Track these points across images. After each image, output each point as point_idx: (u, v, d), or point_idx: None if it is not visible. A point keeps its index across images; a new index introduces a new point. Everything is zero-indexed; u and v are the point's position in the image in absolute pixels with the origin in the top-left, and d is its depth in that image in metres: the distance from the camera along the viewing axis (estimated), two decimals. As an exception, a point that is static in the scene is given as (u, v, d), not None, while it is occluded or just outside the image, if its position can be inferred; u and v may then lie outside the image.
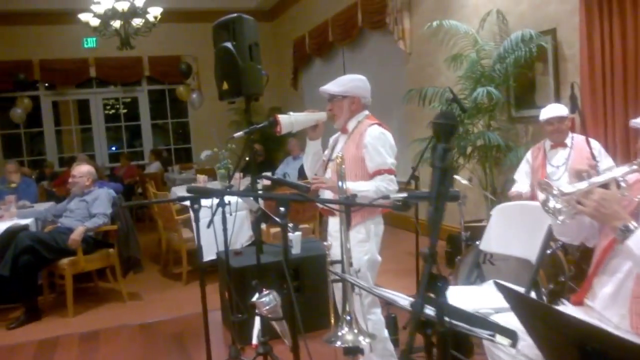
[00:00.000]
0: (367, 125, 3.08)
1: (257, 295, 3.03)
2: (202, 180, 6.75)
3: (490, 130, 5.21)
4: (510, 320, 1.76)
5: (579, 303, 2.13)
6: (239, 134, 3.06)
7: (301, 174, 7.21)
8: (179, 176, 9.59)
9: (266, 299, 2.94)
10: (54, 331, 4.49)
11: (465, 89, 5.43)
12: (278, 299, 2.92)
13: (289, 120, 3.03)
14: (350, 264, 2.58)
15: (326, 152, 3.28)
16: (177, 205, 5.86)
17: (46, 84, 11.24)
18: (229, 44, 4.00)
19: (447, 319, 1.37)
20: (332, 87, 3.15)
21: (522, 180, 4.41)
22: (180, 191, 6.72)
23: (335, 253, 3.10)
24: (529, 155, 4.49)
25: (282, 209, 1.79)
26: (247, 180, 7.28)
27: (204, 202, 3.28)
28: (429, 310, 1.38)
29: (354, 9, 8.17)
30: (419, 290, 1.36)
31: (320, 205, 3.31)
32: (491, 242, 3.33)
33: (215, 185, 6.88)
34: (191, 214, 5.52)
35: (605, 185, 1.94)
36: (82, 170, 5.29)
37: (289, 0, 10.86)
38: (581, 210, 1.88)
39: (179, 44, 11.26)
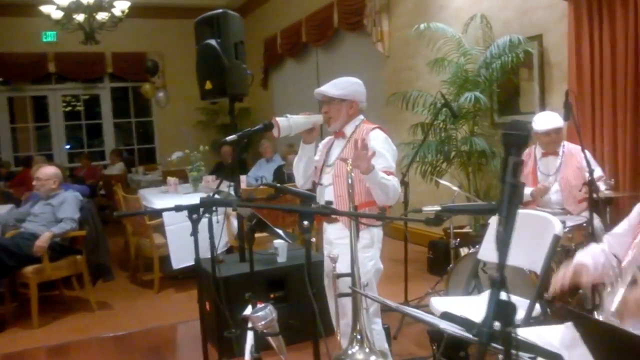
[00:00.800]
0: (367, 129, 2.94)
1: (250, 308, 2.85)
2: (173, 182, 6.47)
3: (474, 136, 5.14)
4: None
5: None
6: (232, 137, 2.86)
7: (277, 176, 7.02)
8: (143, 178, 9.26)
9: (262, 313, 2.74)
10: (18, 344, 4.18)
11: (448, 94, 5.34)
12: (274, 313, 2.73)
13: (287, 123, 2.86)
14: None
15: (317, 156, 3.12)
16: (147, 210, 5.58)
17: (1, 79, 10.69)
18: (213, 42, 3.79)
19: (514, 351, 1.23)
20: (331, 89, 3.00)
21: None
22: (149, 194, 6.44)
23: (337, 265, 2.96)
24: (518, 161, 4.41)
25: (306, 222, 1.62)
26: (223, 185, 7.06)
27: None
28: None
29: (329, 9, 8.02)
30: (485, 317, 1.22)
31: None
32: (490, 251, 3.23)
33: (187, 188, 6.63)
34: (188, 224, 5.35)
35: None
36: (48, 172, 4.97)
37: (258, -1, 10.65)
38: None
39: (144, 40, 10.90)
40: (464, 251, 4.40)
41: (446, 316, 1.61)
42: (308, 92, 3.84)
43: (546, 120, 4.20)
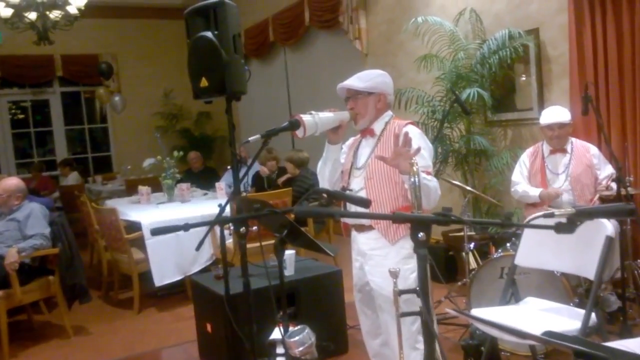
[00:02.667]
0: (399, 125, 2.66)
1: (277, 331, 2.53)
2: (145, 192, 6.01)
3: (472, 134, 4.94)
4: None
5: None
6: (255, 137, 2.50)
7: (255, 183, 6.64)
8: (103, 188, 8.68)
9: (299, 338, 2.42)
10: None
11: (439, 92, 5.15)
12: (313, 337, 2.41)
13: (313, 121, 2.54)
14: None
15: (343, 159, 2.81)
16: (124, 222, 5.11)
17: (-62, 85, 9.86)
18: (209, 34, 3.41)
19: None
20: (356, 82, 2.71)
21: (525, 183, 4.15)
22: (118, 205, 5.94)
23: (372, 278, 2.66)
24: (525, 157, 4.25)
25: (421, 234, 1.32)
26: (199, 193, 6.64)
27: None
28: None
29: (300, 6, 7.71)
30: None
31: (342, 219, 2.82)
32: (527, 256, 3.01)
33: (160, 197, 6.18)
34: (169, 237, 4.89)
35: None
36: (9, 186, 4.45)
37: (218, -2, 10.20)
38: None
39: (96, 42, 10.26)
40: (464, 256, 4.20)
41: (552, 335, 1.34)
42: (276, 93, 3.52)
43: (551, 114, 4.04)
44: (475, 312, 2.85)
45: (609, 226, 2.68)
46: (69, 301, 4.46)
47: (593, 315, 2.60)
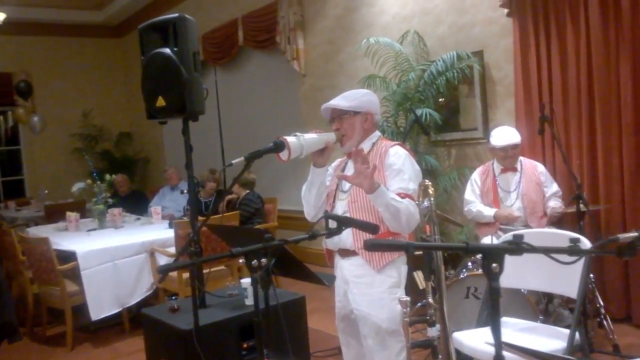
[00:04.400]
0: (386, 146, 2.58)
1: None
2: (74, 218, 5.58)
3: (418, 154, 4.97)
4: None
5: None
6: (239, 160, 2.34)
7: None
8: (18, 214, 8.02)
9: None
10: None
11: (387, 113, 5.15)
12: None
13: (298, 143, 2.40)
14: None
15: (328, 181, 2.70)
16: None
17: None
18: (167, 50, 3.21)
19: None
20: (341, 102, 2.61)
21: (478, 201, 4.20)
22: (44, 233, 5.47)
23: (357, 307, 2.54)
24: (476, 176, 4.31)
25: (494, 265, 1.22)
26: (131, 218, 6.25)
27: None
28: None
29: (233, 26, 7.56)
30: None
31: (325, 245, 2.70)
32: (503, 276, 3.00)
33: (90, 224, 5.77)
34: (106, 267, 4.53)
35: None
36: None
37: (140, 16, 9.83)
38: None
39: (9, 60, 9.58)
40: (418, 275, 4.17)
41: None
42: (205, 114, 3.38)
43: (504, 135, 4.14)
44: (459, 336, 2.79)
45: (587, 243, 2.72)
46: (-3, 342, 4.00)
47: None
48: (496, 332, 1.32)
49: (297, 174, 6.98)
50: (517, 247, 1.24)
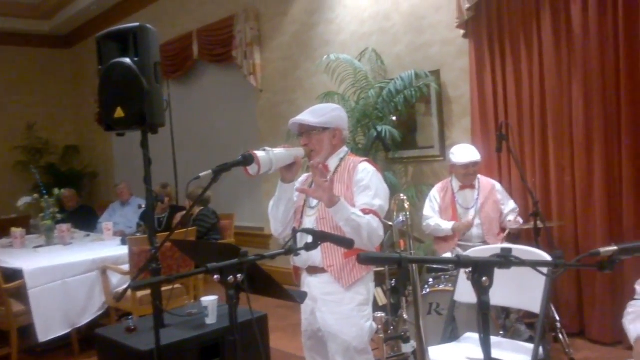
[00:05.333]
0: (355, 161, 2.57)
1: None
2: (19, 235, 5.33)
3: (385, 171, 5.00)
4: None
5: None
6: (206, 172, 2.28)
7: (145, 222, 6.16)
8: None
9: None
10: None
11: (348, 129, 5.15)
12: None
13: (267, 158, 2.36)
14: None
15: (295, 196, 2.66)
16: None
17: None
18: (127, 60, 3.11)
19: None
20: (309, 117, 2.57)
21: (436, 217, 4.25)
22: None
23: (325, 324, 2.50)
24: (435, 193, 4.37)
25: (484, 278, 1.21)
26: (80, 234, 6.01)
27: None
28: None
29: (188, 39, 7.47)
30: None
31: (293, 262, 2.65)
32: (465, 292, 3.02)
33: (36, 240, 5.52)
34: (55, 286, 4.32)
35: None
36: None
37: (91, 26, 9.59)
38: None
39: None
40: (377, 291, 4.17)
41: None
42: (164, 126, 3.31)
43: (466, 153, 4.21)
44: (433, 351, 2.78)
45: (550, 259, 2.77)
46: None
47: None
48: (486, 347, 1.30)
49: (253, 191, 6.91)
50: (506, 260, 1.24)
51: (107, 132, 9.82)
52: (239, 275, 1.66)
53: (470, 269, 1.28)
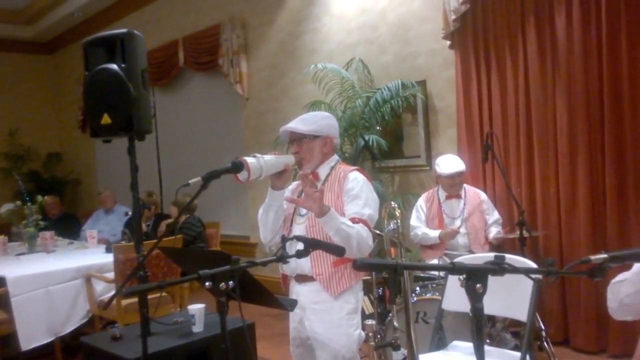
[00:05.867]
0: (345, 170, 2.57)
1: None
2: (0, 242, 5.25)
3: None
4: None
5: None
6: (196, 179, 2.27)
7: (131, 230, 6.11)
8: None
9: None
10: None
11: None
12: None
13: (258, 164, 2.36)
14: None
15: (285, 204, 2.65)
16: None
17: None
18: (114, 66, 3.10)
19: None
20: (300, 125, 2.57)
21: (423, 226, 4.27)
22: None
23: (314, 333, 2.49)
24: (422, 202, 4.39)
25: (478, 285, 1.21)
26: (63, 242, 5.94)
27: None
28: None
29: (174, 46, 7.45)
30: None
31: (281, 270, 2.64)
32: (452, 300, 3.04)
33: (18, 248, 5.45)
34: (38, 294, 4.25)
35: None
36: None
37: (74, 33, 9.53)
38: None
39: None
40: (364, 300, 4.17)
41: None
42: (151, 132, 3.29)
43: (450, 163, 4.24)
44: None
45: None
46: None
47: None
48: (479, 352, 1.31)
49: (239, 199, 6.89)
50: (500, 267, 1.25)
51: (90, 139, 9.77)
52: (230, 282, 1.64)
53: (464, 276, 1.28)
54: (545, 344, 3.80)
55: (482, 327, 1.33)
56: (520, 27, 4.31)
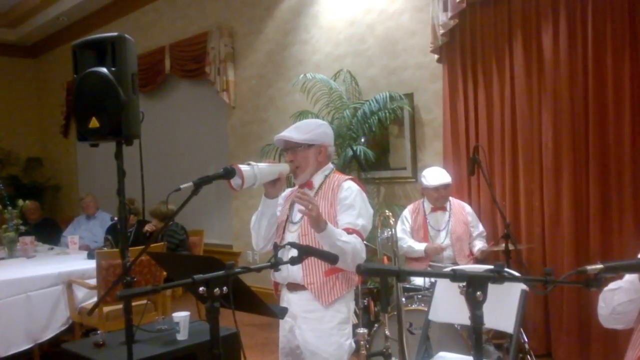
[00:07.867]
0: (339, 179, 2.58)
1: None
2: (-20, 246, 5.16)
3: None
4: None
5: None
6: (187, 184, 2.25)
7: (113, 235, 6.03)
8: None
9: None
10: None
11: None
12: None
13: (252, 172, 2.35)
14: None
15: (279, 211, 2.65)
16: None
17: None
18: (104, 70, 3.07)
19: None
20: (294, 134, 2.57)
21: (408, 238, 4.29)
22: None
23: (305, 342, 2.47)
24: (407, 214, 4.41)
25: (478, 293, 1.21)
26: (43, 247, 5.84)
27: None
28: None
29: (160, 53, 7.42)
30: None
31: (273, 278, 2.62)
32: (440, 311, 3.04)
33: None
34: (17, 299, 4.16)
35: None
36: None
37: (58, 37, 9.45)
38: None
39: None
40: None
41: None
42: (140, 137, 3.28)
43: (437, 176, 4.27)
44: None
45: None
46: None
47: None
48: (478, 356, 1.31)
49: (222, 208, 6.84)
50: (500, 275, 1.25)
51: (71, 145, 9.65)
52: (224, 288, 1.63)
53: (464, 284, 1.28)
54: (528, 356, 3.82)
55: (481, 335, 1.34)
56: (508, 43, 4.37)
